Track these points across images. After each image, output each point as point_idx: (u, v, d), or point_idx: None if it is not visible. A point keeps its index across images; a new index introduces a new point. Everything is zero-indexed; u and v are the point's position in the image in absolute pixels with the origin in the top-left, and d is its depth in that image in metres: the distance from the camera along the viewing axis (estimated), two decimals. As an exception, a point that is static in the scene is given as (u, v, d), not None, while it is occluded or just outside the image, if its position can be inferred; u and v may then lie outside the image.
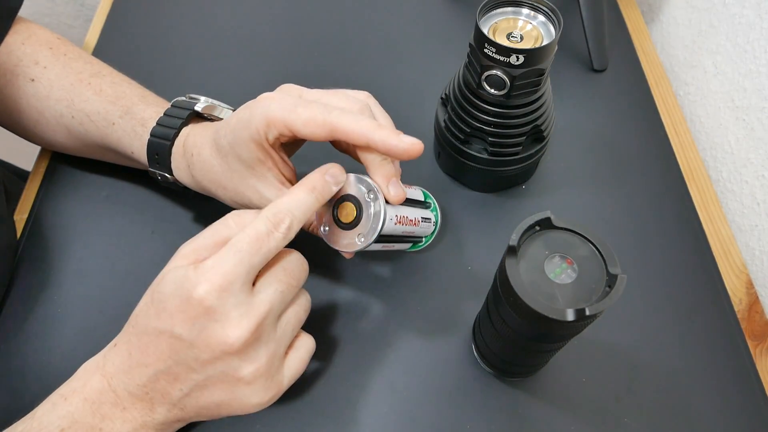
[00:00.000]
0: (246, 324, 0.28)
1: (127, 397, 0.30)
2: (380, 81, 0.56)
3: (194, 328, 0.28)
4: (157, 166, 0.40)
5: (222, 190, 0.37)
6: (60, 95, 0.41)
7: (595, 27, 0.56)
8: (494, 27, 0.38)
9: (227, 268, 0.28)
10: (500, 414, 0.38)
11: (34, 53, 0.42)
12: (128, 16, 0.60)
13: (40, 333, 0.41)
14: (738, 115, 0.51)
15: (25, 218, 0.46)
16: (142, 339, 0.30)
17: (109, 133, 0.41)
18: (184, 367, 0.29)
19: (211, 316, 0.28)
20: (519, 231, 0.28)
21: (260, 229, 0.29)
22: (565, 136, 0.52)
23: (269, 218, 0.30)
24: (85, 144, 0.43)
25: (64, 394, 0.31)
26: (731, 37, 0.52)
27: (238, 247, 0.28)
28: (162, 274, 0.30)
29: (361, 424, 0.38)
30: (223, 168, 0.36)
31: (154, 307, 0.29)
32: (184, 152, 0.38)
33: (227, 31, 0.59)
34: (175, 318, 0.28)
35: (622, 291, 0.26)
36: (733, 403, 0.39)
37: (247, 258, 0.28)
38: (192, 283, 0.28)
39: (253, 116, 0.33)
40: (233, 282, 0.28)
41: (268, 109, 0.32)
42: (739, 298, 0.45)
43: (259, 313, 0.29)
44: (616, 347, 0.41)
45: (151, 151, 0.39)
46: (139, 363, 0.30)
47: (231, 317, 0.28)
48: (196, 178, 0.38)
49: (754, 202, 0.49)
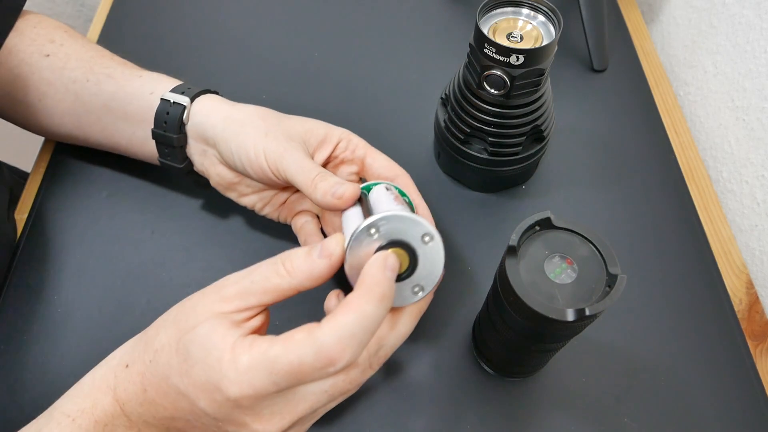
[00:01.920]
0: (278, 422, 0.26)
1: (143, 423, 0.28)
2: (380, 81, 0.56)
3: (220, 411, 0.26)
4: (174, 98, 0.39)
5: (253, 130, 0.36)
6: (77, 64, 0.42)
7: (595, 27, 0.56)
8: (494, 27, 0.38)
9: (263, 384, 0.24)
10: (500, 414, 0.38)
11: (49, 33, 0.43)
12: (128, 16, 0.60)
13: (40, 333, 0.41)
14: (738, 115, 0.51)
15: (25, 218, 0.46)
16: (161, 385, 0.27)
17: (127, 84, 0.41)
18: (205, 427, 0.27)
19: (241, 410, 0.26)
20: (519, 231, 0.28)
21: (306, 361, 0.24)
22: (565, 136, 0.52)
23: (324, 350, 0.24)
24: (88, 110, 0.42)
25: (70, 413, 0.28)
26: (731, 37, 0.52)
27: (278, 369, 0.24)
28: (195, 320, 0.26)
29: (361, 424, 0.38)
30: (265, 122, 0.37)
31: (177, 359, 0.26)
32: (220, 101, 0.39)
33: (227, 32, 0.59)
34: (200, 394, 0.26)
35: (622, 291, 0.26)
36: (733, 403, 0.39)
37: (284, 383, 0.25)
38: (222, 375, 0.25)
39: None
40: (266, 394, 0.25)
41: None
42: (739, 298, 0.45)
43: (296, 412, 0.26)
44: (616, 347, 0.41)
45: (178, 89, 0.39)
46: (155, 403, 0.27)
47: (262, 414, 0.26)
48: (226, 123, 0.38)
49: (754, 203, 0.49)
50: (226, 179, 0.40)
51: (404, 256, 0.28)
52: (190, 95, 0.39)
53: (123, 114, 0.41)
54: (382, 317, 0.25)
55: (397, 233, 0.27)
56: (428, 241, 0.28)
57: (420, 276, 0.28)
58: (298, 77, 0.56)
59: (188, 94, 0.39)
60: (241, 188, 0.41)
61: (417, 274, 0.28)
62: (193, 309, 0.27)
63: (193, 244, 0.45)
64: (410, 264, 0.28)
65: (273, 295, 0.26)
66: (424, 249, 0.28)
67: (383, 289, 0.25)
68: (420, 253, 0.28)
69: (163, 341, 0.27)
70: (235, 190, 0.41)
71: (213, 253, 0.44)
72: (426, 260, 0.28)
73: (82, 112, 0.42)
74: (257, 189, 0.41)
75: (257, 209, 0.42)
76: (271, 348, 0.24)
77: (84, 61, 0.42)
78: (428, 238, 0.28)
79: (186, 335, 0.26)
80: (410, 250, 0.28)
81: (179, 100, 0.38)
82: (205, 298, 0.27)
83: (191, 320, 0.26)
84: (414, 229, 0.27)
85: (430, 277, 0.28)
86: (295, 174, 0.34)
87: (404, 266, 0.28)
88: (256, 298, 0.26)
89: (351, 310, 0.24)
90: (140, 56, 0.55)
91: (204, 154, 0.40)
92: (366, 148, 0.39)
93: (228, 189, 0.41)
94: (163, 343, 0.27)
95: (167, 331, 0.27)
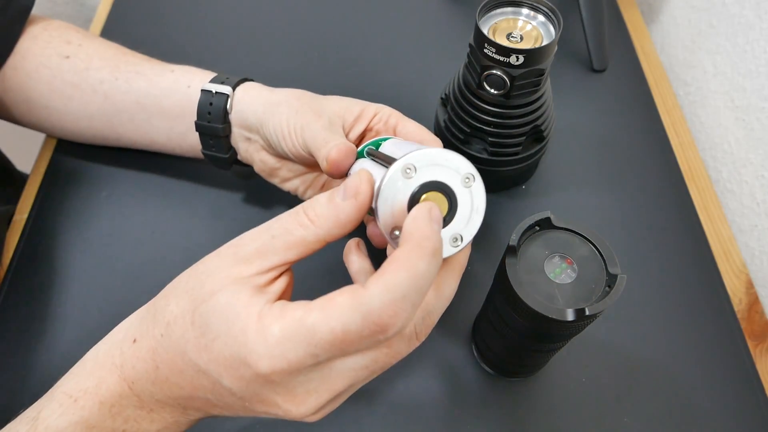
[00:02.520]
0: (314, 402, 0.23)
1: (155, 403, 0.26)
2: (380, 81, 0.56)
3: (248, 388, 0.23)
4: (216, 89, 0.39)
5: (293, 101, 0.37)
6: (101, 64, 0.41)
7: (595, 27, 0.56)
8: (494, 27, 0.38)
9: (299, 357, 0.21)
10: (500, 414, 0.38)
11: (62, 35, 0.43)
12: (128, 16, 0.60)
13: (40, 333, 0.41)
14: (738, 115, 0.51)
15: (25, 218, 0.46)
16: (176, 362, 0.24)
17: (161, 80, 0.41)
18: (228, 406, 0.25)
19: (271, 387, 0.23)
20: (519, 231, 0.28)
21: (352, 329, 0.21)
22: (565, 136, 0.52)
23: (373, 315, 0.20)
24: (120, 109, 0.42)
25: (72, 393, 0.26)
26: (731, 38, 0.52)
27: (317, 339, 0.21)
28: (211, 287, 0.23)
29: (361, 424, 0.38)
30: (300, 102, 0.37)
31: (194, 332, 0.23)
32: (259, 87, 0.39)
33: (227, 32, 0.59)
34: (223, 372, 0.23)
35: (621, 291, 0.26)
36: (733, 403, 0.39)
37: (325, 355, 0.22)
38: (249, 349, 0.22)
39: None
40: (301, 368, 0.22)
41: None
42: (739, 298, 0.45)
43: (333, 389, 0.23)
44: (616, 347, 0.41)
45: (217, 80, 0.39)
46: (170, 382, 0.25)
47: (297, 393, 0.23)
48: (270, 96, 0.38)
49: (754, 203, 0.49)
50: (269, 164, 0.40)
51: (442, 201, 0.24)
52: (231, 84, 0.39)
53: (159, 110, 0.41)
54: (434, 276, 0.22)
55: (435, 174, 0.24)
56: (469, 183, 0.24)
57: (459, 224, 0.25)
58: (298, 77, 0.55)
59: (228, 83, 0.39)
60: (283, 173, 0.41)
61: (456, 222, 0.24)
62: (208, 275, 0.24)
63: (193, 244, 0.45)
64: (449, 210, 0.24)
65: (298, 250, 0.24)
66: (464, 193, 0.24)
67: (434, 244, 0.21)
68: (459, 197, 0.24)
69: (176, 312, 0.24)
70: (278, 175, 0.41)
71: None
72: (465, 206, 0.24)
73: (113, 112, 0.42)
74: (299, 172, 0.41)
75: (300, 193, 0.42)
76: (307, 315, 0.21)
77: (107, 60, 0.42)
78: (469, 180, 0.24)
79: (203, 305, 0.23)
80: (449, 194, 0.24)
81: (222, 90, 0.39)
82: (222, 261, 0.24)
83: (207, 287, 0.23)
84: (453, 167, 0.24)
85: (470, 225, 0.25)
86: (311, 145, 0.34)
87: (444, 212, 0.24)
88: (279, 256, 0.23)
89: (402, 268, 0.21)
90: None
91: (248, 141, 0.40)
92: (399, 117, 0.38)
93: (271, 175, 0.41)
94: (176, 315, 0.24)
95: (179, 300, 0.24)
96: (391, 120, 0.38)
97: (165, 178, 0.48)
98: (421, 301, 0.22)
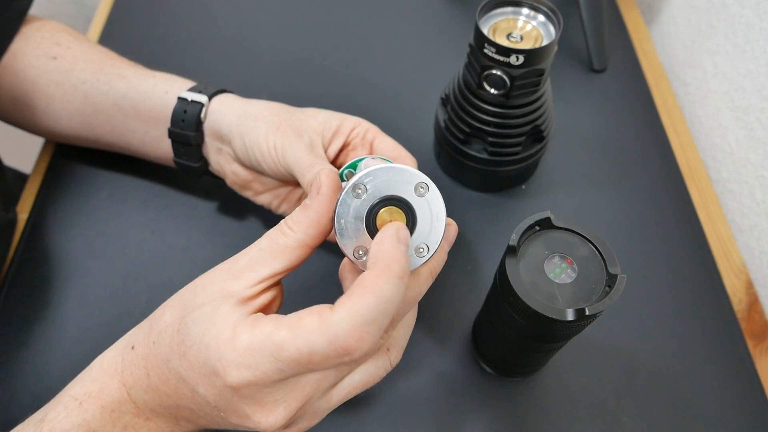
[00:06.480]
0: (283, 412, 0.24)
1: (149, 411, 0.27)
2: (380, 81, 0.56)
3: (220, 398, 0.24)
4: (192, 97, 0.39)
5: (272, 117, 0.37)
6: (86, 66, 0.42)
7: (595, 27, 0.56)
8: (494, 27, 0.38)
9: (265, 370, 0.22)
10: (500, 414, 0.38)
11: (54, 37, 0.43)
12: (128, 16, 0.60)
13: (40, 333, 0.41)
14: (738, 115, 0.51)
15: (25, 218, 0.46)
16: (162, 369, 0.25)
17: (140, 83, 0.41)
18: (210, 417, 0.26)
19: (240, 397, 0.23)
20: (519, 231, 0.28)
21: (317, 350, 0.21)
22: (565, 136, 0.52)
23: (339, 339, 0.21)
24: (98, 110, 0.42)
25: (77, 397, 0.27)
26: (731, 38, 0.52)
27: (284, 356, 0.22)
28: (202, 298, 0.24)
29: (361, 424, 0.38)
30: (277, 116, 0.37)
31: (177, 339, 0.24)
32: (235, 98, 0.39)
33: (227, 32, 0.59)
34: (198, 379, 0.24)
35: (621, 291, 0.26)
36: (733, 403, 0.39)
37: (290, 372, 0.22)
38: (219, 356, 0.22)
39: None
40: (267, 381, 0.23)
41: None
42: (738, 298, 0.45)
43: (302, 396, 0.24)
44: (616, 347, 0.41)
45: (195, 89, 0.40)
46: (159, 390, 0.26)
47: (265, 403, 0.24)
48: (244, 107, 0.38)
49: (754, 202, 0.49)
50: (241, 177, 0.40)
51: (400, 214, 0.25)
52: (208, 94, 0.39)
53: (135, 113, 0.41)
54: (401, 298, 0.22)
55: (386, 188, 0.24)
56: (423, 192, 0.24)
57: (421, 234, 0.25)
58: (297, 78, 0.56)
59: (205, 93, 0.39)
60: (256, 186, 0.41)
61: (418, 233, 0.25)
62: (203, 287, 0.25)
63: (193, 244, 0.45)
64: (408, 221, 0.25)
65: (283, 258, 0.25)
66: (419, 202, 0.24)
67: (402, 266, 0.22)
68: (416, 207, 0.24)
69: (168, 321, 0.25)
70: (251, 188, 0.41)
71: (213, 253, 0.44)
72: (425, 214, 0.25)
73: (91, 113, 0.42)
74: (272, 186, 0.41)
75: (273, 207, 0.42)
76: (276, 331, 0.22)
77: (93, 63, 0.42)
78: (423, 188, 0.24)
79: (189, 315, 0.24)
80: (405, 206, 0.25)
81: (198, 99, 0.39)
82: (216, 275, 0.25)
83: (198, 299, 0.25)
84: (404, 180, 0.24)
85: (433, 232, 0.25)
86: (293, 167, 0.34)
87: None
88: (267, 267, 0.24)
89: (369, 292, 0.21)
90: (140, 56, 0.55)
91: (220, 152, 0.40)
92: (376, 132, 0.39)
93: (243, 188, 0.41)
94: (168, 324, 0.25)
95: (173, 310, 0.25)
96: (369, 135, 0.39)
97: (165, 179, 0.48)
98: (388, 323, 0.22)
